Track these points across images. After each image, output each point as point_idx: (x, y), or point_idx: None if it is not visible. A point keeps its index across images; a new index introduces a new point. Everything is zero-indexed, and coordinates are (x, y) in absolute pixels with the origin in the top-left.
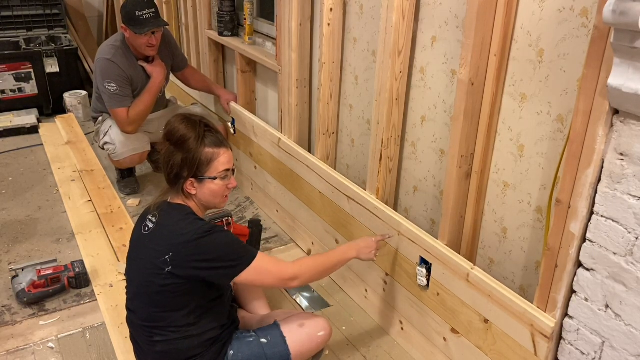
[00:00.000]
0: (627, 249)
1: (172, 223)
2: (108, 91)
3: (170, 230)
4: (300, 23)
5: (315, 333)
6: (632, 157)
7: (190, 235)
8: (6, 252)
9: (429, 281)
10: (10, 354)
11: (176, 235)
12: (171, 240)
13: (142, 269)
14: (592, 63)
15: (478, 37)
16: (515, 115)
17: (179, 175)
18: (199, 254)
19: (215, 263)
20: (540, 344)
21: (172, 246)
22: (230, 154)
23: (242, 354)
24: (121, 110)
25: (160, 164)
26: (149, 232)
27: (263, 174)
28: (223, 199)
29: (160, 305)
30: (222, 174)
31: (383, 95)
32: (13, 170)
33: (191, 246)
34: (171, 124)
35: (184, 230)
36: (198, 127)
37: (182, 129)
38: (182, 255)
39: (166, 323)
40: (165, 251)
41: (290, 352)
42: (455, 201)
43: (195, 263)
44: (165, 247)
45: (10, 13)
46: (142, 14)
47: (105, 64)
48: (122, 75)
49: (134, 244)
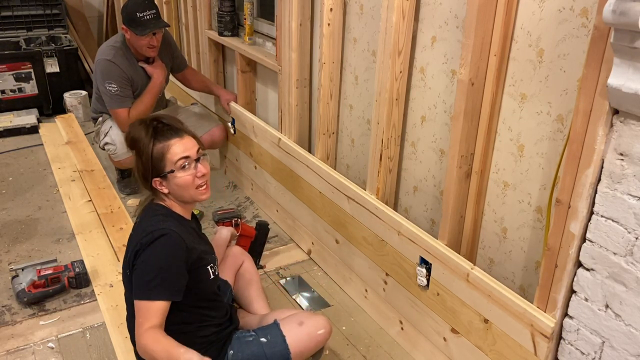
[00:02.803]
0: (627, 249)
1: (139, 225)
2: (109, 92)
3: (135, 233)
4: (300, 23)
5: (315, 331)
6: (632, 157)
7: (140, 238)
8: (6, 252)
9: (429, 281)
10: (10, 354)
11: (136, 237)
12: (132, 243)
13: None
14: (592, 63)
15: (478, 37)
16: (515, 115)
17: (146, 177)
18: (136, 258)
19: (137, 273)
20: (540, 344)
21: (132, 248)
22: (187, 141)
23: (242, 354)
24: (122, 111)
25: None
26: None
27: (263, 174)
28: (197, 190)
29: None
30: (179, 164)
31: (383, 95)
32: (13, 170)
33: (136, 249)
34: (128, 131)
35: (141, 233)
36: (148, 126)
37: (135, 132)
38: (131, 258)
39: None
40: (130, 252)
41: (290, 351)
42: (455, 201)
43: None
44: (131, 249)
45: (10, 13)
46: (143, 15)
47: (105, 64)
48: (122, 75)
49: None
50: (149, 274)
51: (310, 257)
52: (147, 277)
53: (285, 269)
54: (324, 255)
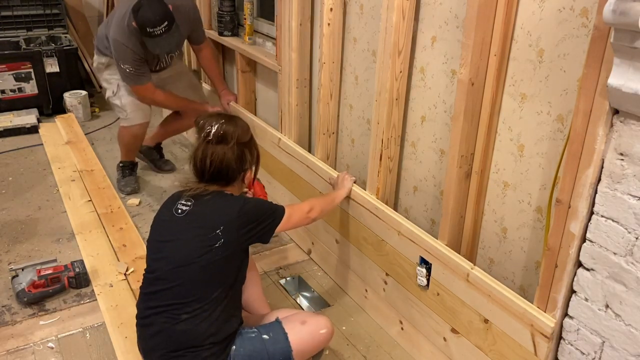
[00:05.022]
0: (627, 249)
1: (216, 203)
2: (124, 71)
3: (216, 208)
4: (300, 23)
5: (317, 331)
6: (632, 157)
7: (236, 207)
8: (6, 252)
9: (429, 281)
10: (10, 353)
11: (225, 211)
12: (220, 216)
13: (186, 247)
14: (592, 63)
15: (478, 37)
16: (515, 115)
17: (242, 168)
18: (247, 220)
19: (260, 223)
20: (540, 344)
21: (222, 221)
22: None
23: (244, 349)
24: (138, 88)
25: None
26: (185, 214)
27: (263, 174)
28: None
29: (201, 280)
30: None
31: (383, 95)
32: (13, 170)
33: (240, 216)
34: (225, 127)
35: (231, 206)
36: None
37: (239, 129)
38: (233, 226)
39: (199, 297)
40: (215, 226)
41: (292, 349)
42: (455, 201)
43: (245, 229)
44: (215, 223)
45: (10, 13)
46: (154, 30)
47: (119, 47)
48: (135, 57)
49: (164, 226)
50: (264, 205)
51: (310, 257)
52: (266, 206)
53: (285, 269)
54: (324, 255)
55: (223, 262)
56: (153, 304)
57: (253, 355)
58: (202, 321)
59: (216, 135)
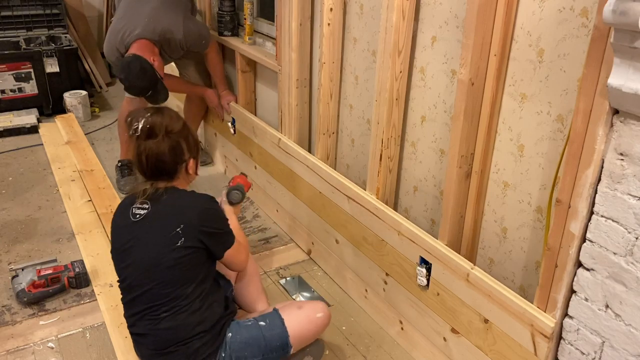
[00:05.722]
0: (627, 249)
1: (175, 200)
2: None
3: (175, 207)
4: (300, 23)
5: (314, 314)
6: (632, 157)
7: (199, 206)
8: (6, 252)
9: (429, 281)
10: (10, 353)
11: (185, 209)
12: (179, 215)
13: (149, 250)
14: (592, 63)
15: (478, 37)
16: (515, 115)
17: (181, 159)
18: (206, 221)
19: (218, 231)
20: (540, 344)
21: (182, 219)
22: None
23: (240, 336)
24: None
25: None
26: (142, 218)
27: (263, 174)
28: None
29: (170, 280)
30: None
31: (383, 95)
32: (13, 170)
33: (200, 215)
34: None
35: (192, 203)
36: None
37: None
38: (192, 225)
39: (174, 296)
40: (175, 225)
41: (288, 334)
42: (455, 201)
43: (203, 229)
44: (175, 221)
45: (10, 13)
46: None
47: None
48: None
49: (123, 233)
50: (225, 220)
51: (310, 257)
52: (226, 221)
53: (285, 269)
54: (324, 255)
55: (188, 260)
56: (133, 311)
57: (249, 341)
58: (183, 315)
59: (144, 130)
